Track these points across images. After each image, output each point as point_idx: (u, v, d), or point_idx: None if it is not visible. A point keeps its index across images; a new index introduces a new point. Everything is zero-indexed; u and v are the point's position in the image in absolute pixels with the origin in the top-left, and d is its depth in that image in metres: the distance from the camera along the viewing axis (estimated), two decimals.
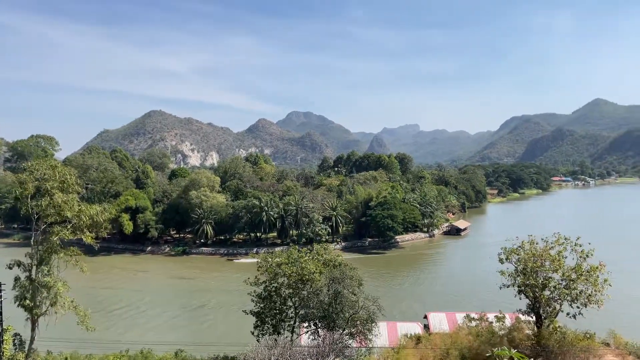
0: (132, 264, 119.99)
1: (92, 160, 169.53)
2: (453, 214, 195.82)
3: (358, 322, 36.62)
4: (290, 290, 41.80)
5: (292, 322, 42.61)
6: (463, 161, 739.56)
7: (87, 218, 39.22)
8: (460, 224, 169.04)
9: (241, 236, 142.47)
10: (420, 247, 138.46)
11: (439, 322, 51.81)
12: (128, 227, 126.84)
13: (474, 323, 34.89)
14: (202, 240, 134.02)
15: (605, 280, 28.68)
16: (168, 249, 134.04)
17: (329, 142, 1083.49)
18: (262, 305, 42.95)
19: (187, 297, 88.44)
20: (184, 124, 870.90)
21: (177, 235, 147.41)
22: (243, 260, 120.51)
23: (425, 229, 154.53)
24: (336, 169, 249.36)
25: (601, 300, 28.20)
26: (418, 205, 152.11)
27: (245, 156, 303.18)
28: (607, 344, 32.31)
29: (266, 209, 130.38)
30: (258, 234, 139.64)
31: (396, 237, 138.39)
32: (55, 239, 38.43)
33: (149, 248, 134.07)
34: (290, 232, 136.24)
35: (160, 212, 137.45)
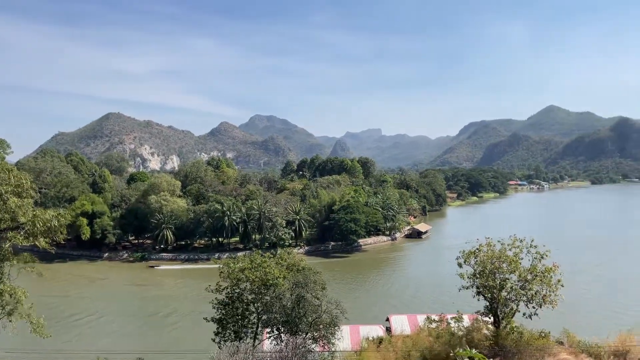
0: (89, 271, 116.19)
1: (45, 164, 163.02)
2: (414, 217, 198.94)
3: (321, 326, 36.54)
4: (253, 296, 41.28)
5: (254, 328, 42.12)
6: (424, 165, 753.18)
7: (42, 224, 37.59)
8: (422, 227, 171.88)
9: (203, 241, 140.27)
10: (382, 251, 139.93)
11: (401, 324, 52.41)
12: (86, 232, 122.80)
13: (434, 324, 35.38)
14: (162, 246, 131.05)
15: (559, 281, 29.66)
16: (126, 255, 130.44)
17: (292, 146, 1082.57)
18: (223, 311, 42.26)
19: (146, 304, 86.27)
20: (143, 126, 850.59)
21: (136, 241, 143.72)
22: (164, 267, 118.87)
23: (388, 232, 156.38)
24: (300, 173, 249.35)
25: (555, 300, 29.12)
26: (380, 209, 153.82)
27: (207, 160, 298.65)
28: (561, 343, 33.38)
29: (228, 213, 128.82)
30: (220, 239, 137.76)
31: (359, 240, 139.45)
32: (7, 245, 36.62)
33: (106, 254, 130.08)
34: (253, 236, 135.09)
35: (118, 217, 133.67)
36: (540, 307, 29.36)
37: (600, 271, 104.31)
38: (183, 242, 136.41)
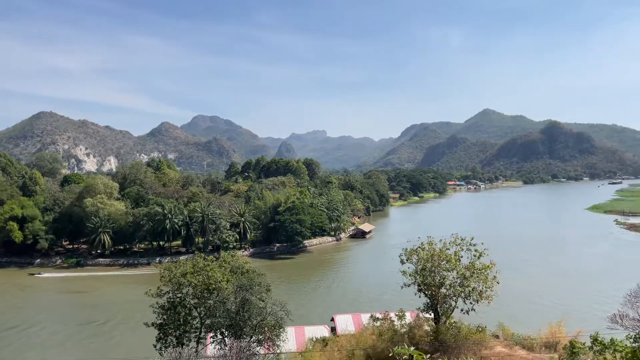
0: (20, 278, 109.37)
1: None
2: (359, 217, 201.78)
3: (266, 329, 36.29)
4: (196, 300, 40.38)
5: (197, 333, 41.23)
6: (368, 166, 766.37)
7: None
8: (366, 227, 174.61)
9: (142, 245, 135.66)
10: (327, 251, 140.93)
11: (345, 323, 52.93)
12: (18, 235, 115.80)
13: (378, 323, 35.99)
14: (98, 251, 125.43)
15: (495, 278, 31.01)
16: (60, 261, 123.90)
17: (236, 147, 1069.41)
18: (165, 316, 41.05)
19: (82, 312, 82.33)
20: (78, 126, 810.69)
21: (71, 246, 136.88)
22: (46, 275, 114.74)
23: (333, 233, 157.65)
24: (244, 174, 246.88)
25: (491, 296, 30.42)
26: (325, 210, 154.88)
27: (147, 161, 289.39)
28: (497, 336, 34.91)
29: (170, 216, 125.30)
30: (161, 243, 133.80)
31: (304, 241, 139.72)
32: None
33: (38, 260, 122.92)
34: (196, 239, 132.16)
35: (51, 221, 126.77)
36: (477, 303, 30.58)
37: (530, 267, 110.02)
38: (121, 247, 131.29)
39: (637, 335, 19.35)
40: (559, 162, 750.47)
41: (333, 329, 53.69)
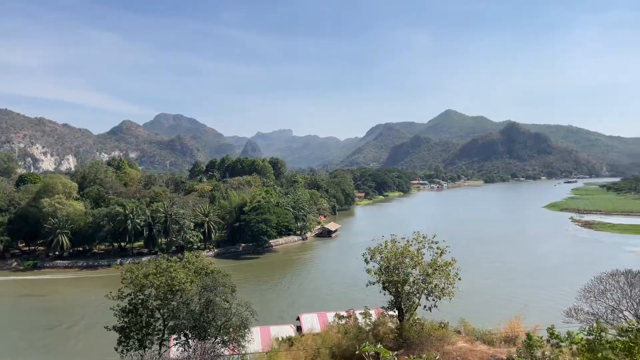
0: None
1: None
2: (324, 216, 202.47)
3: (231, 329, 35.96)
4: (159, 302, 39.67)
5: (160, 335, 40.52)
6: (334, 166, 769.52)
7: None
8: (331, 226, 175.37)
9: (103, 247, 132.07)
10: (293, 251, 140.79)
11: (311, 322, 53.04)
12: None
13: (343, 321, 36.21)
14: (56, 253, 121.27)
15: (456, 274, 31.72)
16: (16, 263, 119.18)
17: (200, 146, 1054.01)
18: (126, 319, 40.14)
19: (37, 317, 79.42)
20: (34, 124, 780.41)
21: (27, 248, 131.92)
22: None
23: (299, 232, 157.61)
24: (209, 173, 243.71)
25: (453, 292, 31.09)
26: (291, 209, 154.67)
27: (108, 160, 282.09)
28: (459, 332, 35.70)
29: (131, 216, 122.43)
30: (122, 244, 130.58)
31: (270, 241, 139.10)
32: None
33: None
34: (159, 240, 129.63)
35: (6, 222, 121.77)
36: (440, 299, 31.21)
37: (490, 263, 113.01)
38: (81, 248, 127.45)
39: (592, 329, 20.20)
40: (517, 161, 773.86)
41: (299, 328, 53.70)
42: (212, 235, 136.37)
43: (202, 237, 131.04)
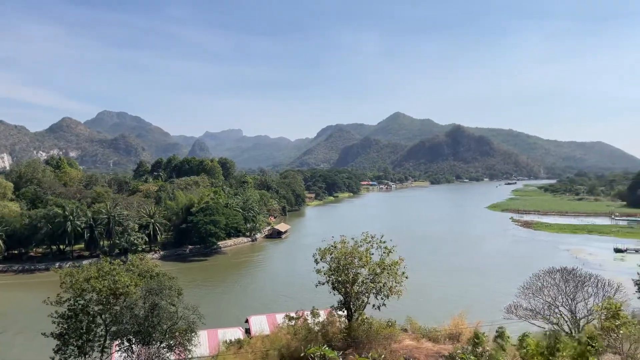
0: None
1: None
2: (274, 217, 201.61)
3: (177, 334, 35.10)
4: (101, 307, 38.17)
5: (102, 341, 39.01)
6: (284, 166, 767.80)
7: None
8: (282, 227, 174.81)
9: (40, 249, 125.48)
10: (242, 252, 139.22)
11: (260, 324, 52.59)
12: None
13: (292, 322, 36.09)
14: None
15: (403, 273, 32.35)
16: None
17: (146, 145, 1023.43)
18: (65, 325, 38.33)
19: None
20: None
21: None
22: None
23: (248, 234, 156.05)
24: (154, 173, 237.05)
25: (400, 290, 31.69)
26: (241, 210, 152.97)
27: (46, 159, 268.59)
28: (405, 330, 36.42)
29: (71, 218, 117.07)
30: (62, 247, 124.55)
31: (219, 242, 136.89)
32: None
33: None
34: (101, 242, 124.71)
35: None
36: (388, 298, 31.72)
37: (436, 262, 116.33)
38: (16, 251, 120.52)
39: (550, 333, 21.08)
40: (462, 163, 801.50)
41: (247, 331, 53.12)
42: (158, 237, 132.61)
43: (147, 239, 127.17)
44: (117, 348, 36.38)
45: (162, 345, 34.05)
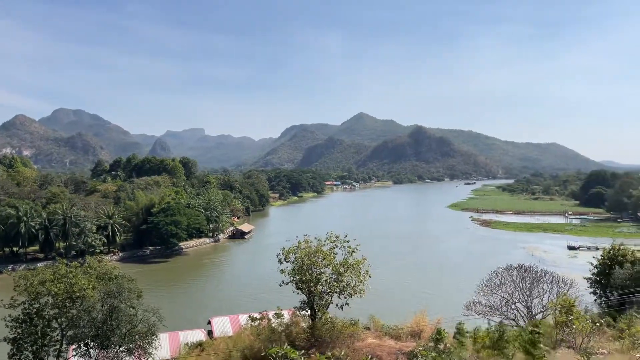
0: None
1: None
2: (238, 217, 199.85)
3: (137, 337, 34.37)
4: (57, 310, 37.00)
5: (58, 346, 37.87)
6: (248, 166, 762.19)
7: None
8: (245, 227, 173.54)
9: None
10: (205, 253, 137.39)
11: (223, 325, 52.07)
12: None
13: (256, 322, 35.87)
14: None
15: (367, 272, 32.69)
16: None
17: (104, 144, 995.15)
18: (19, 330, 37.01)
19: None
20: None
21: None
22: None
23: (211, 234, 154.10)
24: (113, 173, 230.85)
25: (363, 289, 32.01)
26: (203, 210, 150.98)
27: None
28: (368, 328, 36.83)
29: (25, 219, 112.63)
30: (15, 249, 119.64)
31: (180, 243, 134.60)
32: None
33: None
34: (57, 244, 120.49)
35: None
36: (351, 297, 31.98)
37: (398, 260, 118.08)
38: None
39: (496, 326, 21.81)
40: (424, 163, 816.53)
41: (210, 332, 52.51)
42: (117, 239, 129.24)
43: (105, 241, 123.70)
44: (74, 353, 35.39)
45: (121, 349, 33.38)
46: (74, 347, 35.71)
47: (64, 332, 37.12)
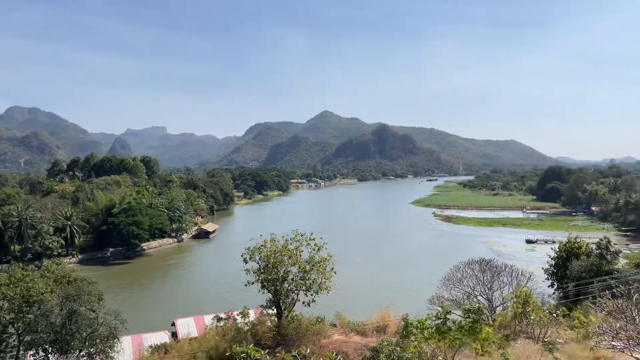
0: None
1: None
2: (202, 217, 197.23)
3: (97, 341, 33.57)
4: (13, 315, 35.80)
5: (14, 352, 36.71)
6: (212, 165, 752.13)
7: None
8: (209, 227, 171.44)
9: None
10: (168, 253, 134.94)
11: (187, 327, 51.44)
12: None
13: (222, 323, 35.61)
14: None
15: (332, 269, 32.93)
16: None
17: (61, 143, 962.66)
18: None
19: None
20: None
21: None
22: None
23: (174, 234, 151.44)
24: (71, 173, 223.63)
25: (329, 286, 32.24)
26: (166, 210, 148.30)
27: None
28: (335, 325, 37.06)
29: None
30: None
31: (143, 244, 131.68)
32: None
33: None
34: (12, 247, 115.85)
35: None
36: (317, 294, 32.16)
37: (363, 257, 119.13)
38: None
39: (439, 313, 22.41)
40: (388, 161, 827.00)
41: (174, 334, 51.73)
42: (76, 240, 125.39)
43: (63, 243, 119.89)
44: (32, 358, 34.35)
45: (81, 354, 32.58)
46: (31, 352, 34.72)
47: (21, 338, 35.98)
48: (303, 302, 32.33)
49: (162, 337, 48.03)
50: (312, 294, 32.09)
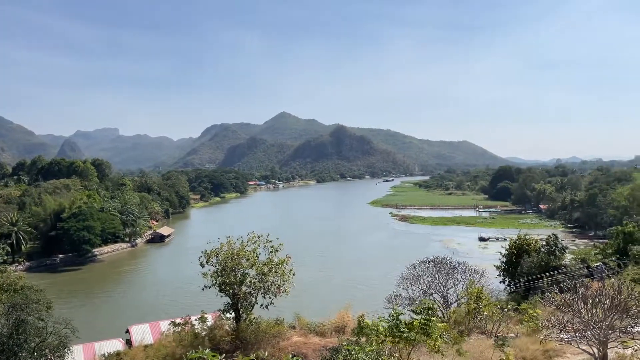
0: None
1: None
2: (157, 220, 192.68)
3: (47, 351, 32.20)
4: None
5: None
6: (167, 167, 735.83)
7: None
8: (164, 230, 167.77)
9: None
10: (121, 259, 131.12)
11: (142, 333, 50.07)
12: None
13: (178, 328, 34.88)
14: None
15: (291, 271, 32.89)
16: None
17: (6, 145, 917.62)
18: None
19: None
20: None
21: None
22: None
23: (127, 239, 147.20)
24: (16, 177, 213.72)
25: (288, 288, 32.19)
26: (119, 214, 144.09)
27: None
28: (294, 327, 37.01)
29: None
30: None
31: (94, 250, 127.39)
32: None
33: None
34: None
35: None
36: (276, 297, 32.05)
37: (322, 257, 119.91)
38: None
39: (391, 314, 22.82)
40: (345, 162, 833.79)
41: (128, 341, 50.27)
42: (23, 247, 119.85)
43: (9, 250, 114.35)
44: None
45: None
46: None
47: None
48: (262, 305, 32.15)
49: (115, 344, 46.63)
50: (270, 297, 31.96)
